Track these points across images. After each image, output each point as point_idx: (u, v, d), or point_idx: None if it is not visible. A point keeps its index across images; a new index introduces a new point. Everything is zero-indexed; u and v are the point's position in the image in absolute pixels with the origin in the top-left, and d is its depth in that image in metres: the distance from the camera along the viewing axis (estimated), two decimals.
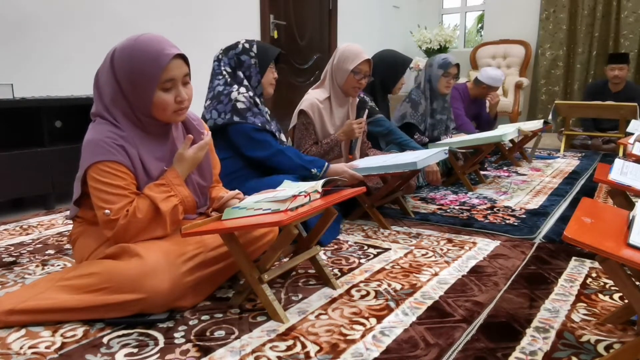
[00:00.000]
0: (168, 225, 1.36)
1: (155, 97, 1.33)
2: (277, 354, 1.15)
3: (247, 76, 2.00)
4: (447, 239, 2.01)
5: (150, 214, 1.33)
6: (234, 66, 2.01)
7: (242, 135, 1.92)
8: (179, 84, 1.36)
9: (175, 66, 1.33)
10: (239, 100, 1.91)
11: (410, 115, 3.03)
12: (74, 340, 1.21)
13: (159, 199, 1.33)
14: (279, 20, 4.41)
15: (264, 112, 2.00)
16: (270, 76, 2.03)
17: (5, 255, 1.84)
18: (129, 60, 1.32)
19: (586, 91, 4.83)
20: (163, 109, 1.35)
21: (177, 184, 1.38)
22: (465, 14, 6.83)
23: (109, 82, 1.36)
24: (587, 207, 1.23)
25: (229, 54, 2.02)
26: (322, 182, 1.43)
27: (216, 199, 1.57)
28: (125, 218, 1.30)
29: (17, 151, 2.42)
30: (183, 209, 1.40)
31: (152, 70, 1.30)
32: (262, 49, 2.01)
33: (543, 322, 1.31)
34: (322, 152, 2.34)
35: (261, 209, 1.30)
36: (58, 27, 2.89)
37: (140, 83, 1.32)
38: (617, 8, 5.53)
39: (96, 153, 1.31)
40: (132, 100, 1.36)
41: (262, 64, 1.99)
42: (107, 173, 1.30)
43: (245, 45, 2.01)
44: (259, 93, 2.02)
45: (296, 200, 1.29)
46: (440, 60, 3.06)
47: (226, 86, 1.96)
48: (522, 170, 3.53)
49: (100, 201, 1.31)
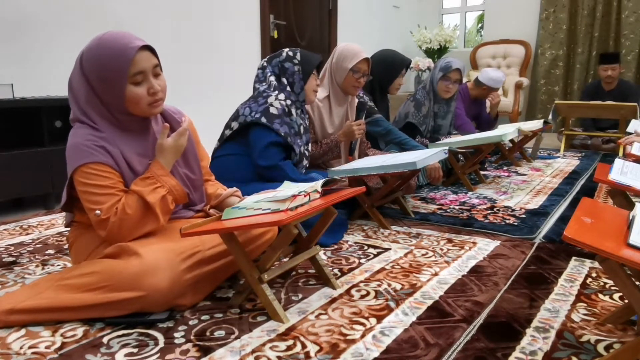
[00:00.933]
0: (160, 217, 1.36)
1: (127, 92, 1.33)
2: (277, 354, 1.15)
3: (290, 83, 2.03)
4: (447, 239, 2.01)
5: (139, 208, 1.33)
6: (278, 73, 2.04)
7: (260, 138, 1.92)
8: (150, 76, 1.35)
9: (142, 58, 1.33)
10: (273, 105, 1.92)
11: (413, 115, 3.02)
12: (74, 340, 1.21)
13: (146, 192, 1.33)
14: (279, 20, 4.41)
15: (295, 122, 2.00)
16: (313, 83, 2.07)
17: (5, 255, 1.84)
18: (96, 59, 1.33)
19: (583, 92, 4.84)
20: (136, 102, 1.35)
21: (162, 175, 1.38)
22: (465, 14, 6.83)
23: (81, 85, 1.37)
24: (587, 207, 1.23)
25: (272, 62, 2.06)
26: (321, 182, 1.43)
27: (214, 196, 1.57)
28: (116, 216, 1.31)
29: (17, 151, 2.42)
30: (173, 199, 1.40)
31: (120, 64, 1.30)
32: (304, 56, 2.05)
33: (543, 322, 1.31)
34: (321, 152, 2.34)
35: (261, 209, 1.30)
36: (58, 27, 2.89)
37: (111, 79, 1.32)
38: (617, 8, 5.53)
39: (78, 157, 1.32)
40: (106, 99, 1.36)
41: (306, 70, 2.03)
42: (92, 175, 1.31)
43: (289, 53, 2.05)
44: (302, 99, 2.04)
45: (296, 200, 1.29)
46: (444, 63, 3.06)
47: (267, 89, 1.99)
48: (522, 170, 3.53)
49: (89, 203, 1.32)
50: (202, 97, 3.73)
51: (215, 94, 3.78)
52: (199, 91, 3.71)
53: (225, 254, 1.42)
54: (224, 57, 3.88)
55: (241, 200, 1.52)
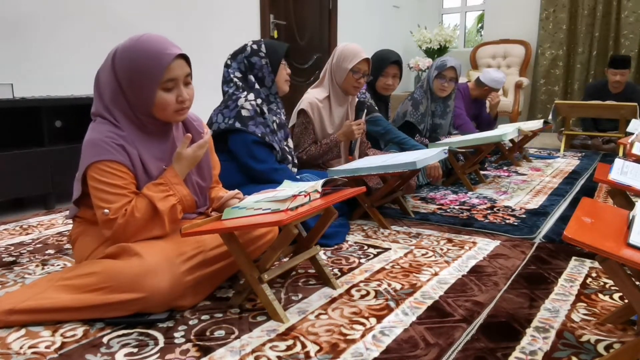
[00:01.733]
0: (167, 225, 1.36)
1: (157, 97, 1.33)
2: (277, 354, 1.15)
3: (259, 78, 1.98)
4: (447, 238, 2.01)
5: (148, 213, 1.33)
6: (244, 70, 1.99)
7: (241, 144, 1.90)
8: (181, 84, 1.36)
9: (177, 66, 1.34)
10: (244, 108, 1.89)
11: (410, 113, 3.03)
12: (74, 340, 1.21)
13: (157, 199, 1.33)
14: (279, 20, 4.40)
15: (269, 121, 1.97)
16: (284, 73, 2.02)
17: (5, 255, 1.84)
18: (130, 60, 1.32)
19: (586, 91, 4.82)
20: (164, 108, 1.35)
21: (176, 183, 1.38)
22: (465, 14, 6.83)
23: (109, 82, 1.37)
24: (587, 207, 1.23)
25: (237, 58, 2.00)
26: (322, 182, 1.43)
27: (216, 199, 1.57)
28: (124, 217, 1.30)
29: (17, 151, 2.42)
30: (182, 208, 1.40)
31: (154, 69, 1.31)
32: (270, 47, 1.99)
33: (543, 322, 1.31)
34: (321, 152, 2.34)
35: (261, 209, 1.30)
36: (58, 27, 2.89)
37: (142, 83, 1.32)
38: (617, 8, 5.53)
39: (96, 153, 1.31)
40: (133, 100, 1.36)
41: (274, 62, 1.97)
42: (106, 172, 1.31)
43: (253, 46, 1.99)
44: (274, 92, 2.00)
45: (296, 200, 1.29)
46: (439, 62, 3.07)
47: (236, 91, 1.95)
48: (522, 170, 3.53)
49: (99, 200, 1.31)
50: (202, 97, 3.72)
51: (215, 94, 3.77)
52: (199, 91, 3.69)
53: (226, 256, 1.42)
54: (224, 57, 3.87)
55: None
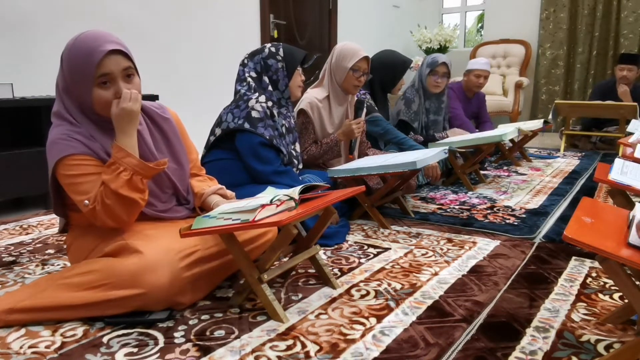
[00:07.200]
0: (134, 197, 1.31)
1: (94, 94, 1.33)
2: (277, 354, 1.15)
3: (273, 80, 1.98)
4: (447, 238, 2.01)
5: (113, 196, 1.29)
6: (259, 71, 1.98)
7: (247, 143, 1.90)
8: (118, 79, 1.34)
9: (110, 62, 1.32)
10: (255, 109, 1.89)
11: (404, 112, 3.04)
12: (74, 339, 1.21)
13: (111, 180, 1.29)
14: (279, 19, 4.41)
15: (278, 124, 1.97)
16: (298, 79, 2.03)
17: (5, 254, 1.84)
18: (68, 59, 1.34)
19: (595, 90, 4.76)
20: (103, 106, 1.34)
21: (122, 157, 1.32)
22: (465, 14, 6.83)
23: (60, 82, 1.38)
24: (587, 207, 1.23)
25: (254, 58, 2.00)
26: (299, 189, 1.35)
27: (198, 196, 1.55)
28: (99, 205, 1.30)
29: (17, 151, 2.42)
30: (141, 177, 1.33)
31: (86, 67, 1.31)
32: (289, 52, 2.00)
33: (543, 321, 1.31)
34: (321, 152, 2.34)
35: (231, 219, 1.27)
36: (58, 27, 2.89)
37: (79, 81, 1.33)
38: (617, 8, 5.53)
39: (58, 151, 1.32)
40: (79, 99, 1.36)
41: (290, 67, 1.98)
42: (73, 165, 1.32)
43: (271, 49, 1.99)
44: (286, 96, 2.01)
45: (264, 210, 1.25)
46: (430, 59, 3.09)
47: (248, 92, 1.94)
48: (522, 170, 3.53)
49: (76, 194, 1.32)
50: (202, 97, 3.73)
51: (215, 94, 3.78)
52: (199, 91, 3.71)
53: (225, 253, 1.42)
54: (224, 57, 3.88)
55: (226, 197, 1.53)
